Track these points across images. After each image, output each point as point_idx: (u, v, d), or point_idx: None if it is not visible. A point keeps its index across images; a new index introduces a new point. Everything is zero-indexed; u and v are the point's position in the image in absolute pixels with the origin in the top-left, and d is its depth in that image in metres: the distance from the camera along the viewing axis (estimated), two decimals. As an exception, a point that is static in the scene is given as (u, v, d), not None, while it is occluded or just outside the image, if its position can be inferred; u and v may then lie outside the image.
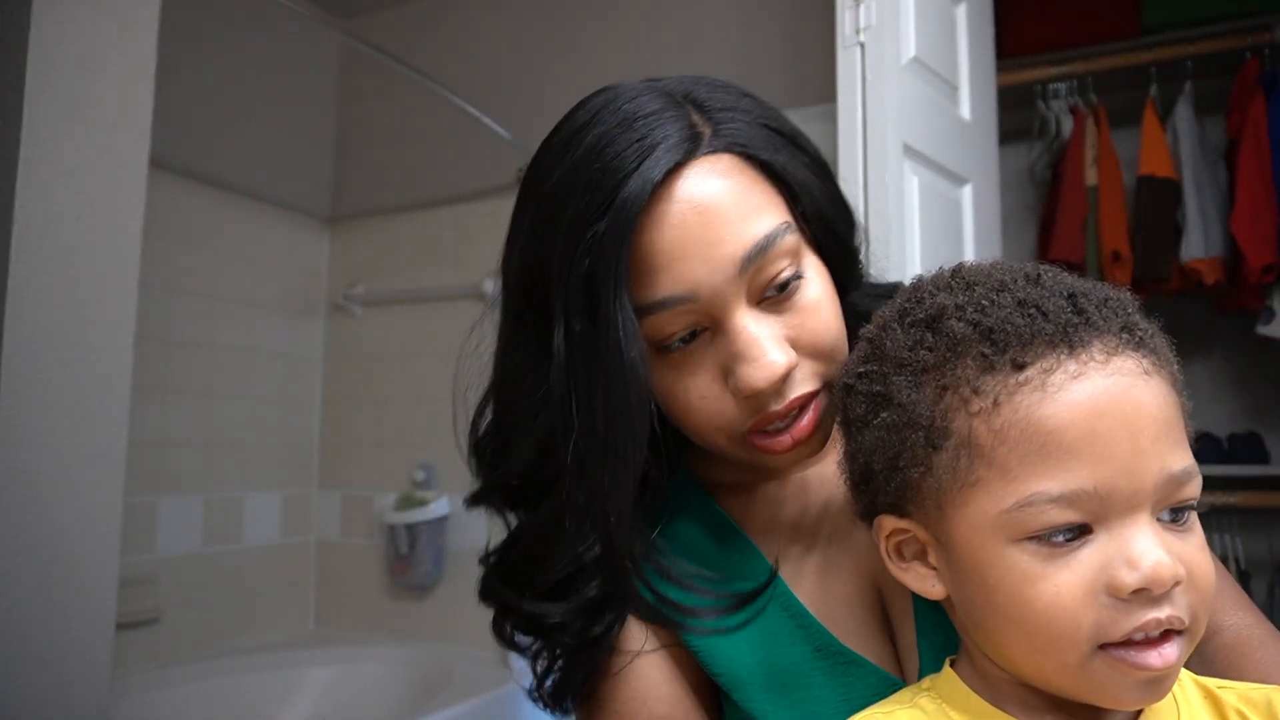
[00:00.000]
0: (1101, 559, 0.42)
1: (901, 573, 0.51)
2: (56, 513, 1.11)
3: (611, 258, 0.53)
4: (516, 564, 0.63)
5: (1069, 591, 0.42)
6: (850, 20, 1.44)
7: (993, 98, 1.91)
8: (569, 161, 0.56)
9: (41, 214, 1.11)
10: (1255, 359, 2.23)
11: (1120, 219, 2.20)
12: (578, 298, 0.54)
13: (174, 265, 2.19)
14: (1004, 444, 0.43)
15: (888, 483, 0.49)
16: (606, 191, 0.53)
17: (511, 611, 0.63)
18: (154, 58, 1.26)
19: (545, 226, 0.56)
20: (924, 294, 0.51)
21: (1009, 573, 0.44)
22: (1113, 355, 0.44)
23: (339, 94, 2.72)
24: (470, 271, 2.37)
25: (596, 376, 0.54)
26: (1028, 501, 0.43)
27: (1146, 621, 0.41)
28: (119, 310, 1.20)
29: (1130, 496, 0.42)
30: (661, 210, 0.54)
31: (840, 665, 0.59)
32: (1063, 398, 0.43)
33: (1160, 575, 0.41)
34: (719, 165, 0.56)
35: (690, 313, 0.55)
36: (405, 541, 2.34)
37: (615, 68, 2.36)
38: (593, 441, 0.55)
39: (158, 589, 2.09)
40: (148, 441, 2.07)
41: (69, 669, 1.11)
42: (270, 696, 2.12)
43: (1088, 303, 0.46)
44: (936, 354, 0.47)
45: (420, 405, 2.44)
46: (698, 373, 0.57)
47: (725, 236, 0.54)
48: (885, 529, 0.51)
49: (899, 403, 0.48)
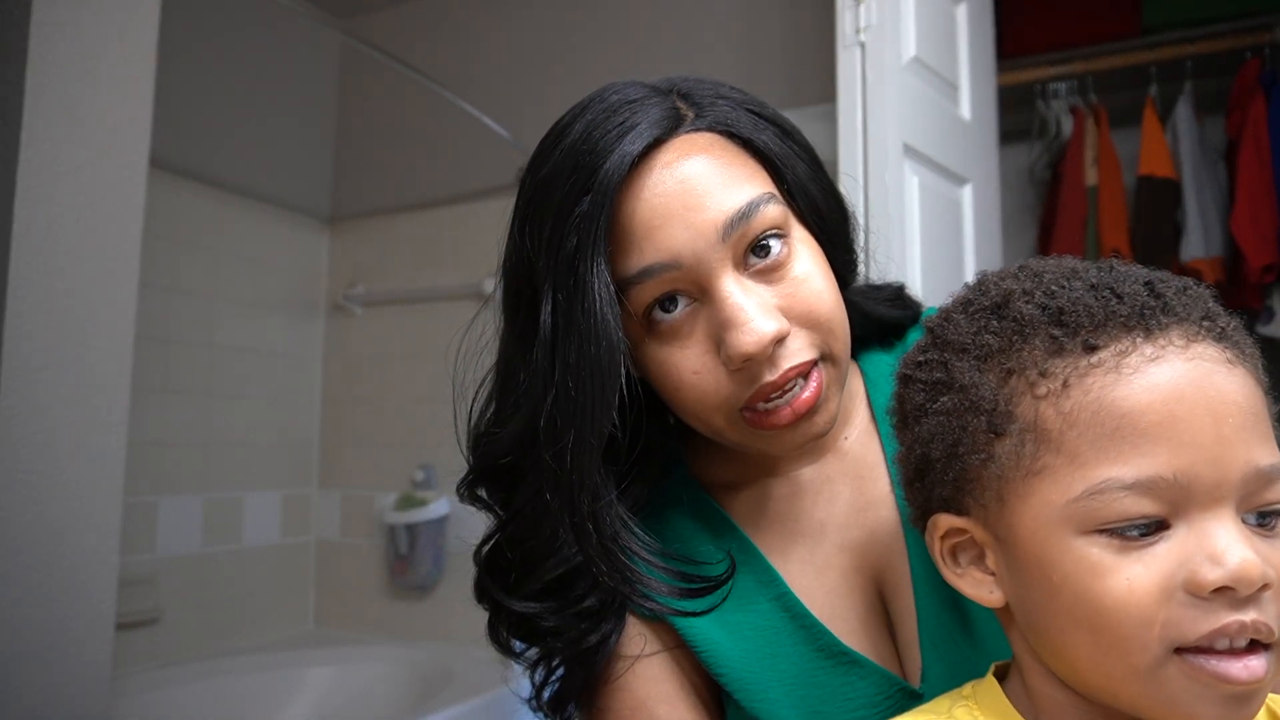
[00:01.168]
0: (1180, 554, 0.38)
1: (957, 578, 0.47)
2: (56, 513, 1.11)
3: (591, 228, 0.53)
4: (505, 554, 0.63)
5: (1142, 586, 0.38)
6: (850, 20, 1.44)
7: (993, 98, 1.91)
8: (558, 152, 0.57)
9: (41, 214, 1.11)
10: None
11: (1120, 219, 2.20)
12: (563, 275, 0.54)
13: (174, 265, 2.19)
14: (1073, 428, 0.40)
15: (945, 472, 0.46)
16: (589, 171, 0.54)
17: (503, 613, 0.63)
18: (154, 58, 1.26)
19: (536, 214, 0.57)
20: (989, 284, 0.48)
21: (1076, 566, 0.40)
22: (1193, 341, 0.41)
23: (339, 94, 2.72)
24: (470, 271, 2.36)
25: (572, 338, 0.54)
26: (1099, 489, 0.39)
27: (1228, 624, 0.37)
28: (119, 310, 1.20)
29: (1213, 488, 0.38)
30: (642, 182, 0.55)
31: (843, 665, 0.59)
32: (1139, 380, 0.40)
33: (1248, 573, 0.37)
34: (700, 140, 0.57)
35: (675, 281, 0.55)
36: (405, 541, 2.34)
37: (615, 68, 2.35)
38: (563, 402, 0.55)
39: (157, 589, 2.09)
40: (148, 441, 2.07)
41: (69, 669, 1.11)
42: (270, 696, 2.12)
43: (1166, 289, 0.43)
44: (1002, 338, 0.44)
45: (420, 405, 2.43)
46: (688, 346, 0.56)
47: (707, 203, 0.55)
48: (940, 528, 0.47)
49: (960, 385, 0.45)
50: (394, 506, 2.36)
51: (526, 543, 0.61)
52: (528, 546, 0.61)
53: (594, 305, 0.53)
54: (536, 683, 0.64)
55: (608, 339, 0.53)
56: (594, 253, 0.53)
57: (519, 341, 0.60)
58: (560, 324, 0.55)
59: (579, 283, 0.54)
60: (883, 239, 1.36)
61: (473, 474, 0.64)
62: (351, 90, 2.70)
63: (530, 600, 0.61)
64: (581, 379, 0.54)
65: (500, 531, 0.64)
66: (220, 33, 2.27)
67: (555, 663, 0.63)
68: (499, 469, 0.62)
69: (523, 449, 0.59)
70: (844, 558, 0.63)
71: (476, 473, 0.64)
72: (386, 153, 2.60)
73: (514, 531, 0.62)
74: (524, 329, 0.59)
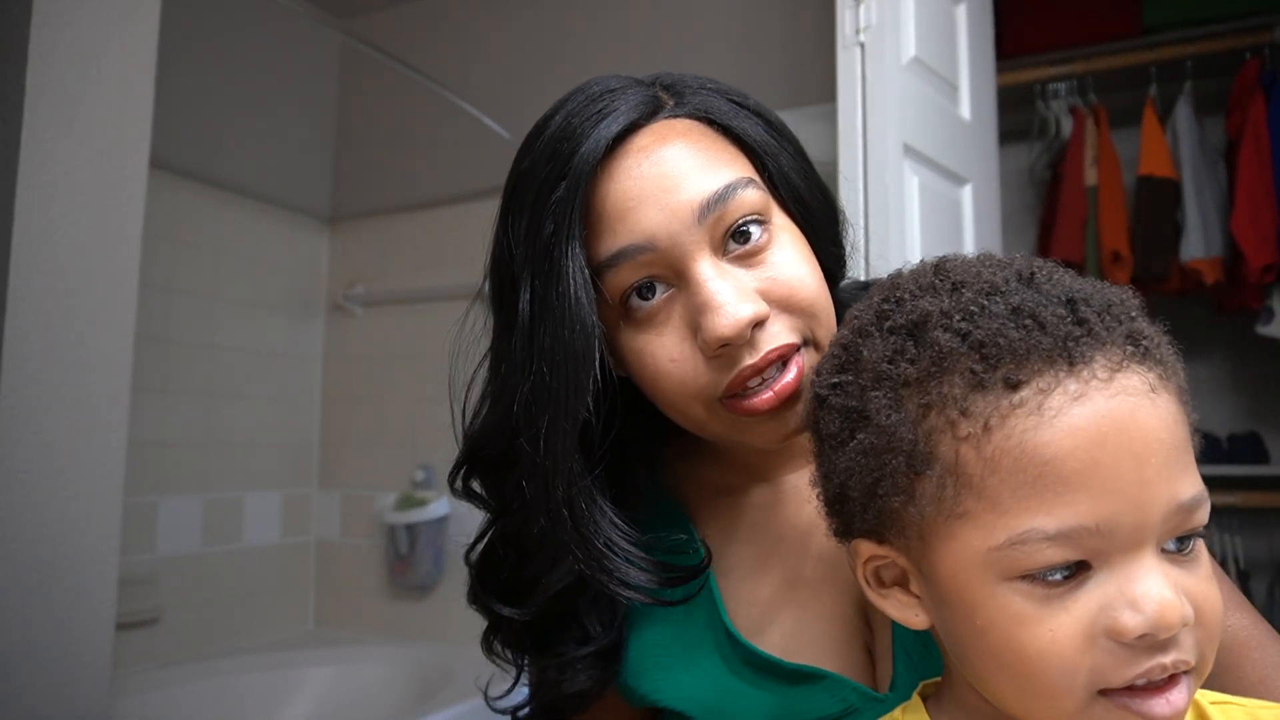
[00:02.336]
0: (1101, 599, 0.38)
1: (880, 600, 0.47)
2: (56, 513, 1.11)
3: (565, 212, 0.53)
4: (498, 552, 0.63)
5: (1066, 637, 0.38)
6: (850, 20, 1.44)
7: (993, 98, 1.91)
8: (539, 143, 0.57)
9: (41, 215, 1.11)
10: (1255, 359, 2.23)
11: (1120, 219, 2.20)
12: (539, 261, 0.54)
13: (174, 265, 2.19)
14: (995, 474, 0.39)
15: (865, 509, 0.45)
16: (565, 157, 0.54)
17: (499, 622, 0.63)
18: (154, 58, 1.26)
19: (516, 205, 0.57)
20: (904, 294, 0.46)
21: (1000, 613, 0.40)
22: (1117, 371, 0.40)
23: (339, 94, 2.72)
24: (470, 271, 2.34)
25: (547, 323, 0.54)
26: (1021, 539, 0.38)
27: (1151, 668, 0.38)
28: (119, 310, 1.20)
29: (1135, 531, 0.38)
30: (617, 165, 0.55)
31: (790, 680, 0.59)
32: (1061, 423, 0.39)
33: (1167, 619, 0.37)
34: (679, 126, 0.57)
35: (650, 264, 0.55)
36: (405, 541, 2.34)
37: (615, 68, 2.34)
38: (539, 388, 0.54)
39: (157, 589, 2.09)
40: (148, 441, 2.07)
41: (69, 669, 1.11)
42: (270, 696, 2.12)
43: (1089, 310, 0.41)
44: (919, 367, 0.42)
45: (420, 405, 2.43)
46: (665, 333, 0.55)
47: (683, 185, 0.54)
48: (862, 555, 0.47)
49: (878, 424, 0.43)
50: (394, 506, 2.36)
51: (518, 538, 0.61)
52: (518, 543, 0.61)
53: (569, 289, 0.53)
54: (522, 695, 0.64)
55: (581, 322, 0.53)
56: (569, 236, 0.53)
57: (503, 332, 0.60)
58: (536, 310, 0.55)
59: (554, 267, 0.53)
60: (883, 239, 1.36)
61: (458, 464, 0.63)
62: (351, 90, 2.70)
63: (519, 606, 0.61)
64: (556, 362, 0.53)
65: (491, 527, 0.63)
66: (220, 33, 2.27)
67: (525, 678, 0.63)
68: (486, 460, 0.61)
69: (504, 438, 0.58)
70: (823, 568, 0.62)
71: (461, 463, 0.63)
72: (386, 153, 2.60)
73: (505, 527, 0.62)
74: (507, 320, 0.59)
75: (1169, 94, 2.20)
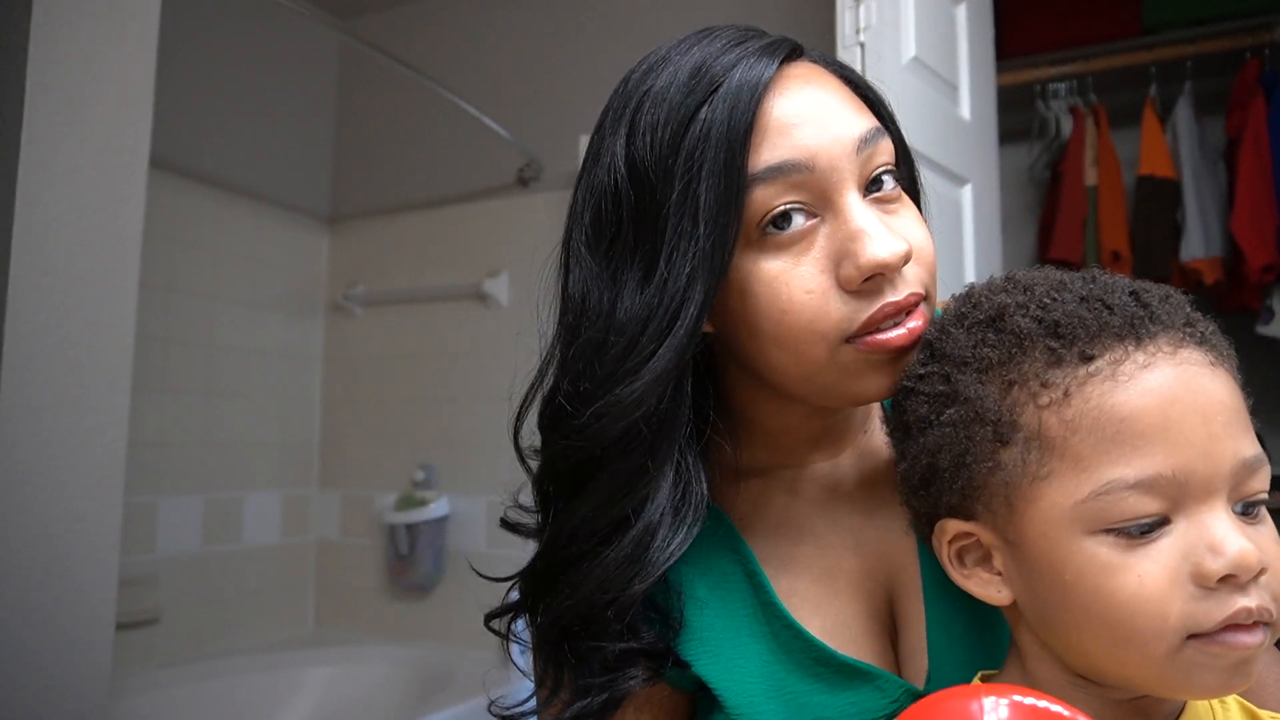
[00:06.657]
0: (1183, 547, 0.42)
1: (963, 580, 0.50)
2: (56, 513, 1.11)
3: (731, 120, 0.53)
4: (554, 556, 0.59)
5: (1153, 581, 0.41)
6: (850, 20, 1.44)
7: (993, 98, 1.91)
8: (672, 68, 0.56)
9: (41, 214, 1.11)
10: (1255, 359, 2.23)
11: (1120, 219, 2.20)
12: (684, 173, 0.53)
13: (174, 265, 2.19)
14: (1076, 433, 0.43)
15: (953, 481, 0.48)
16: (719, 74, 0.54)
17: (554, 610, 0.58)
18: (154, 58, 1.26)
19: (652, 121, 0.55)
20: (980, 298, 0.51)
21: (1088, 565, 0.43)
22: (1179, 347, 0.44)
23: (339, 94, 2.72)
24: (470, 271, 2.36)
25: (685, 239, 0.52)
26: (1104, 490, 0.42)
27: (1238, 611, 0.41)
28: (119, 310, 1.20)
29: (1207, 481, 0.42)
30: (780, 86, 0.55)
31: (842, 675, 0.57)
32: (1134, 386, 0.43)
33: (1246, 561, 0.40)
34: (824, 69, 0.59)
35: (801, 185, 0.53)
36: (405, 541, 2.34)
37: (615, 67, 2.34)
38: (695, 251, 0.52)
39: (157, 589, 2.09)
40: (148, 441, 2.07)
41: (68, 669, 1.11)
42: (270, 696, 2.12)
43: (1150, 298, 0.46)
44: (1001, 351, 0.47)
45: (420, 405, 2.44)
46: (804, 262, 0.53)
47: (842, 116, 0.55)
48: (948, 533, 0.49)
49: (965, 398, 0.47)
50: (394, 506, 2.36)
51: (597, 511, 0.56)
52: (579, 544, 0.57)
53: (713, 201, 0.52)
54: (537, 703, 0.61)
55: (721, 231, 0.52)
56: (729, 147, 0.52)
57: (609, 285, 0.56)
58: (674, 224, 0.53)
59: (706, 178, 0.52)
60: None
61: (544, 458, 0.60)
62: (351, 90, 2.70)
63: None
64: (689, 264, 0.52)
65: (559, 526, 0.58)
66: (220, 33, 2.28)
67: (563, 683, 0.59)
68: (562, 472, 0.58)
69: (669, 391, 0.54)
70: (853, 559, 0.61)
71: (549, 454, 0.59)
72: (386, 153, 2.60)
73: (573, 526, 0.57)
74: (619, 253, 0.56)
75: (1169, 94, 2.20)
